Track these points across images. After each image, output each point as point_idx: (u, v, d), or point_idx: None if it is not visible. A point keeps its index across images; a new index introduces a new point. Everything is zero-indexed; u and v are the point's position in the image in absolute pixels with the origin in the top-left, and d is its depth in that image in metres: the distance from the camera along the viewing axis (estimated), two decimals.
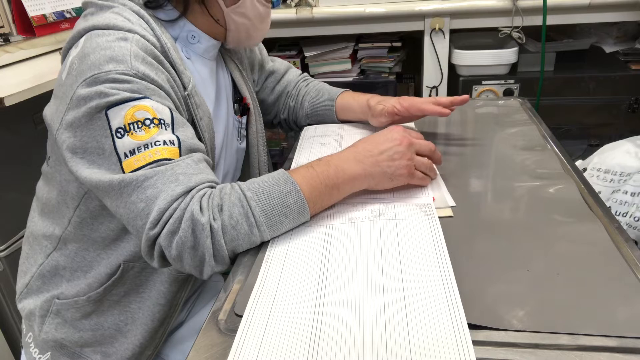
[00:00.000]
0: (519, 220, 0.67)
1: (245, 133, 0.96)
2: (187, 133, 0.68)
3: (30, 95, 1.19)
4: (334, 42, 1.73)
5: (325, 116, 1.03)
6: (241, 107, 0.93)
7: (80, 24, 0.71)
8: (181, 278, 0.81)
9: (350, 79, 1.73)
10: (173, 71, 0.72)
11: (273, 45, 1.85)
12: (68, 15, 1.59)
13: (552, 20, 1.47)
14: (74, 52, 0.68)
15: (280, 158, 1.94)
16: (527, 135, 0.92)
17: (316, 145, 0.94)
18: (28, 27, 1.47)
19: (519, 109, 1.06)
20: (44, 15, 1.50)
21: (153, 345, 0.83)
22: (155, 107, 0.65)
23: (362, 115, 0.98)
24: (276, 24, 1.59)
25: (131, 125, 0.63)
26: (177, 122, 0.67)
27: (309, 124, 1.06)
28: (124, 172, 0.63)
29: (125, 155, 0.63)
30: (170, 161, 0.64)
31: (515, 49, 1.53)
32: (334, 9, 1.54)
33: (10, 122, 1.33)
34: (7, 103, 1.14)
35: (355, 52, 1.76)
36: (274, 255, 0.63)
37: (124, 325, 0.80)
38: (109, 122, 0.63)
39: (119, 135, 0.63)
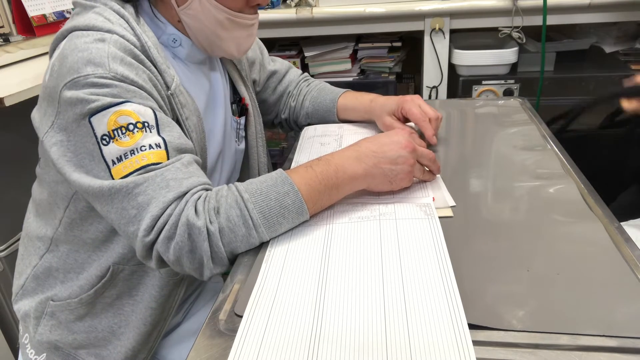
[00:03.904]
0: (519, 220, 0.67)
1: (243, 134, 0.95)
2: (173, 133, 0.67)
3: (30, 95, 1.19)
4: (334, 42, 1.73)
5: (326, 115, 1.03)
6: (239, 107, 0.93)
7: (65, 25, 0.70)
8: (173, 282, 0.80)
9: (350, 79, 1.73)
10: (155, 70, 0.70)
11: (273, 45, 1.85)
12: (68, 15, 1.59)
13: (552, 20, 1.47)
14: (56, 53, 0.68)
15: (280, 158, 1.94)
16: (527, 135, 0.92)
17: (316, 145, 0.94)
18: (28, 27, 1.47)
19: (519, 109, 1.06)
20: (44, 15, 1.50)
21: (147, 349, 0.82)
22: (138, 110, 0.64)
23: (366, 114, 0.98)
24: (276, 24, 1.59)
25: (115, 132, 0.62)
26: (162, 123, 0.66)
27: (309, 124, 1.06)
28: (113, 179, 0.62)
29: (113, 162, 0.62)
30: (158, 165, 0.63)
31: (515, 49, 1.53)
32: (334, 9, 1.54)
33: (10, 122, 1.33)
34: (7, 103, 1.14)
35: (355, 52, 1.76)
36: (274, 255, 0.63)
37: (117, 328, 0.80)
38: (93, 130, 0.62)
39: (104, 142, 0.62)
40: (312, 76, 1.12)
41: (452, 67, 1.61)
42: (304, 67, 1.76)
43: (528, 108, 1.06)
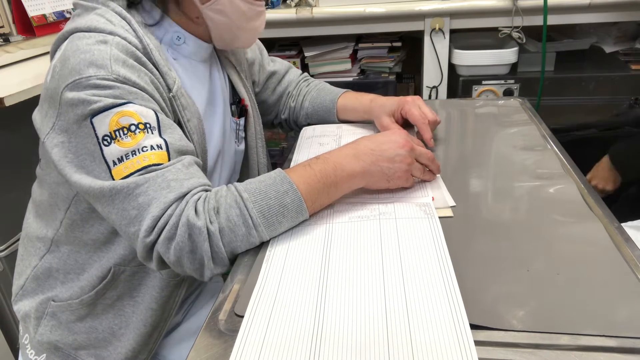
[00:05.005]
0: (519, 220, 0.67)
1: (243, 135, 0.95)
2: (174, 135, 0.67)
3: (30, 95, 1.19)
4: (334, 42, 1.73)
5: (325, 116, 1.03)
6: (239, 108, 0.93)
7: (66, 26, 0.70)
8: (173, 283, 0.80)
9: (350, 79, 1.73)
10: (157, 72, 0.71)
11: (273, 45, 1.85)
12: (68, 15, 1.59)
13: (552, 20, 1.47)
14: (57, 55, 0.68)
15: (280, 158, 1.94)
16: (527, 135, 0.92)
17: (315, 145, 0.94)
18: (28, 27, 1.47)
19: (519, 109, 1.06)
20: (44, 15, 1.50)
21: (147, 350, 0.82)
22: (140, 111, 0.64)
23: (365, 114, 0.98)
24: (276, 24, 1.59)
25: (117, 132, 0.62)
26: (164, 124, 0.66)
27: (308, 124, 1.06)
28: (113, 180, 0.62)
29: (114, 163, 0.63)
30: (159, 166, 0.63)
31: (515, 49, 1.53)
32: (334, 9, 1.54)
33: (10, 122, 1.33)
34: (7, 103, 1.14)
35: (355, 52, 1.75)
36: (274, 255, 0.63)
37: (118, 329, 0.80)
38: (95, 131, 0.63)
39: (105, 143, 0.62)
40: (312, 76, 1.12)
41: (452, 67, 1.61)
42: (304, 67, 1.76)
43: (528, 108, 1.06)
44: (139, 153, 0.63)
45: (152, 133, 0.64)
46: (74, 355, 0.81)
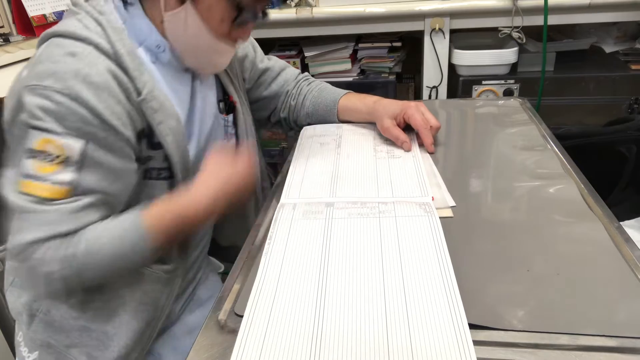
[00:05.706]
0: (519, 220, 0.67)
1: (233, 131, 0.95)
2: (94, 175, 0.69)
3: None
4: (334, 42, 1.73)
5: (326, 115, 1.03)
6: (227, 105, 0.93)
7: (51, 27, 0.73)
8: (164, 278, 0.81)
9: (350, 79, 1.73)
10: (125, 78, 0.71)
11: (273, 45, 1.85)
12: None
13: (552, 20, 1.47)
14: (36, 54, 0.71)
15: (280, 158, 1.94)
16: (527, 135, 0.92)
17: (315, 145, 0.94)
18: (28, 27, 1.47)
19: (519, 109, 1.06)
20: (44, 15, 1.50)
21: (140, 347, 0.82)
22: (67, 145, 0.66)
23: (368, 115, 0.98)
24: (276, 24, 1.59)
25: (38, 153, 0.66)
26: (89, 162, 0.68)
27: (309, 124, 1.06)
28: (18, 187, 0.67)
29: (24, 176, 0.67)
30: (50, 202, 0.66)
31: (515, 49, 1.53)
32: (334, 9, 1.54)
33: None
34: None
35: (355, 52, 1.75)
36: (273, 255, 0.63)
37: (110, 328, 0.80)
38: (27, 139, 0.67)
39: (27, 155, 0.66)
40: (312, 76, 1.12)
41: (452, 67, 1.61)
42: (304, 67, 1.76)
43: (528, 108, 1.06)
44: (42, 182, 0.66)
45: (65, 169, 0.67)
46: (65, 353, 0.81)
